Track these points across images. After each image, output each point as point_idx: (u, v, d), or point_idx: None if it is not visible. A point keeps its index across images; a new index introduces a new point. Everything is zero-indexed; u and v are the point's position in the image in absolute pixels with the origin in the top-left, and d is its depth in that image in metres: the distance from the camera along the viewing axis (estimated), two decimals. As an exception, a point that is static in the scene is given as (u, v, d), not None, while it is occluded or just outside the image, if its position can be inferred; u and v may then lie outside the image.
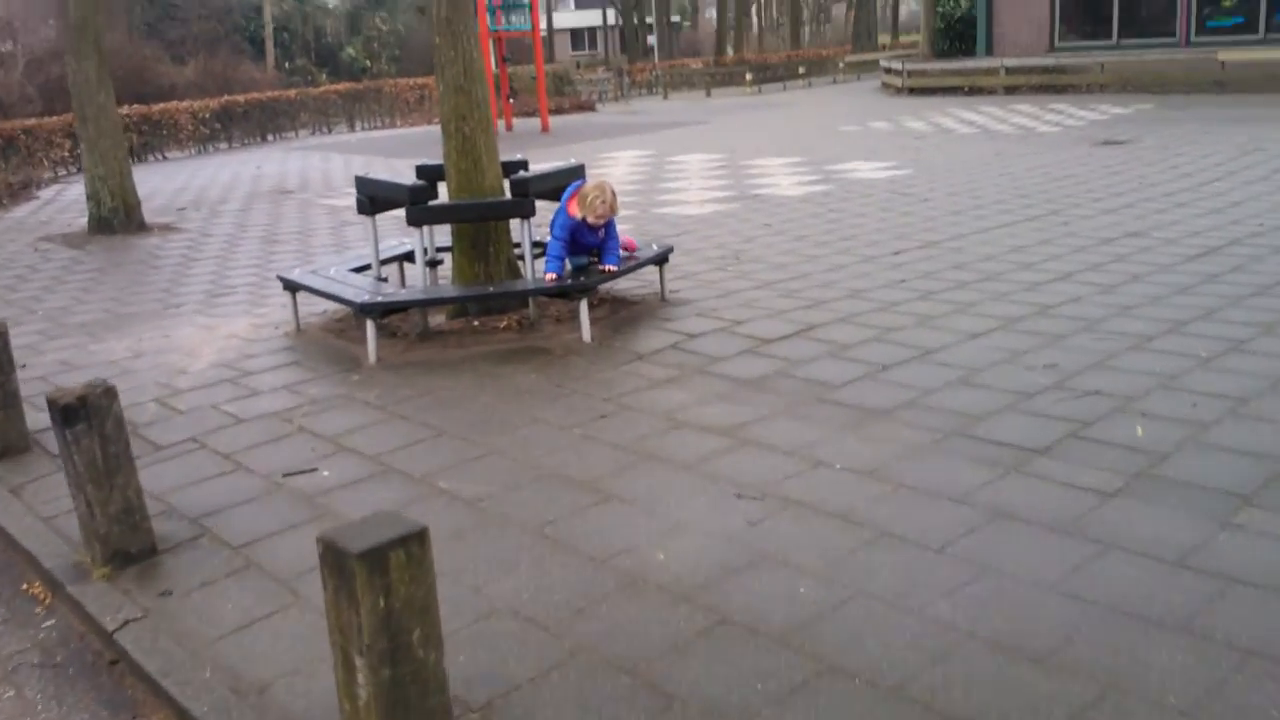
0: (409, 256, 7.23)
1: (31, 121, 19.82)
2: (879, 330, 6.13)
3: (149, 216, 13.24)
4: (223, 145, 24.28)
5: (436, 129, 24.22)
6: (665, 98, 36.35)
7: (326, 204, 13.25)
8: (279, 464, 4.71)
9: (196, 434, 5.18)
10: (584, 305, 6.11)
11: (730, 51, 51.18)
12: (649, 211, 11.35)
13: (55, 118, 20.26)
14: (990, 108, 21.90)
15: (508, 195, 6.53)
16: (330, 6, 40.78)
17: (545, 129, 23.00)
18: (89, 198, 11.50)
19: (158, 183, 17.54)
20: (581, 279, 6.14)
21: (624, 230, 8.49)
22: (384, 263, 7.09)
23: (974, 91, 24.77)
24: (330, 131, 27.64)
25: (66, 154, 19.48)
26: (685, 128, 22.58)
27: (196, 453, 4.94)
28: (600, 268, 6.38)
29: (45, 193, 17.01)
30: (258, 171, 18.38)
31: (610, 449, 4.61)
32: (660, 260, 6.96)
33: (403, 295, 6.11)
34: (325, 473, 4.59)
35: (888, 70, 28.60)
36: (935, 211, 10.19)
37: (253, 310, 7.72)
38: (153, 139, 21.95)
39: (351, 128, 27.94)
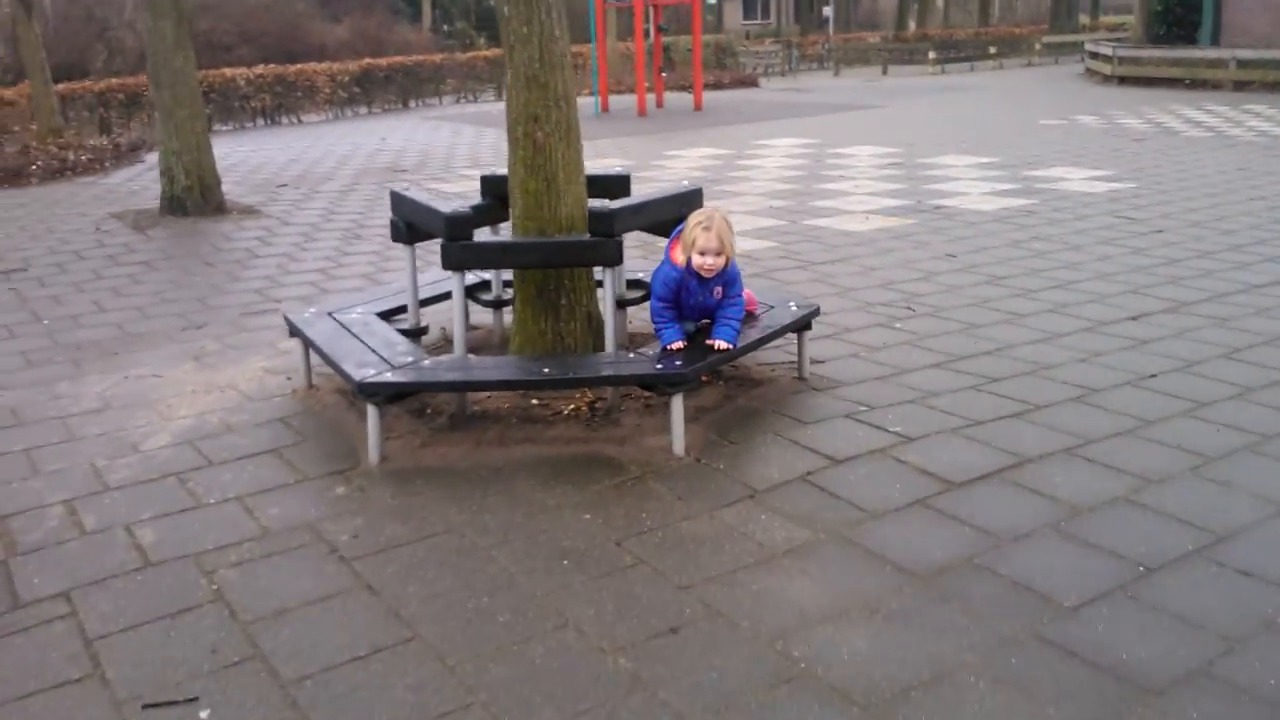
0: (475, 290, 5.42)
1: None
2: (1135, 480, 3.95)
3: (249, 190, 11.95)
4: (361, 110, 23.17)
5: (589, 100, 22.47)
6: (836, 74, 33.72)
7: (434, 188, 11.62)
8: (151, 675, 2.95)
9: (75, 584, 3.47)
10: (677, 406, 4.15)
11: (912, 26, 47.81)
12: (799, 224, 9.26)
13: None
14: (1219, 106, 18.74)
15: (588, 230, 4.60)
16: (494, -34, 39.37)
17: (698, 107, 20.96)
18: (162, 174, 10.14)
19: (272, 151, 16.34)
20: (677, 365, 4.18)
21: (755, 267, 6.51)
22: (426, 303, 5.28)
23: (1196, 85, 21.50)
24: (476, 99, 26.28)
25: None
26: (856, 112, 20.18)
27: (53, 626, 3.23)
28: (710, 342, 4.42)
29: (153, 156, 16.00)
30: (381, 143, 17.00)
31: (667, 713, 2.67)
32: (800, 328, 4.94)
33: (425, 373, 4.26)
34: (204, 714, 2.80)
35: (1093, 55, 25.40)
36: (1176, 249, 7.77)
37: (276, 344, 6.06)
38: (287, 100, 20.91)
39: (500, 95, 26.48)
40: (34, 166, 13.22)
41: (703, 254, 4.28)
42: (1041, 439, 4.35)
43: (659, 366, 4.16)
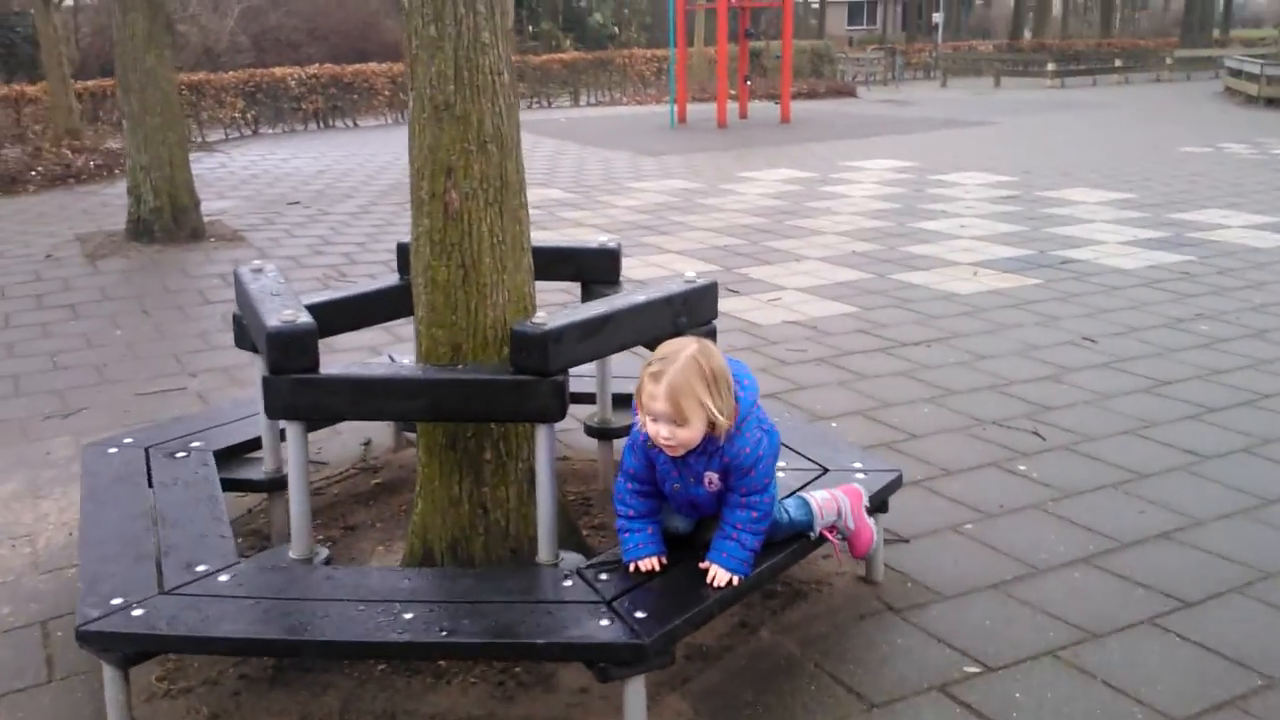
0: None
1: (200, 75, 17.68)
2: None
3: (254, 208, 10.44)
4: (426, 113, 21.66)
5: (664, 110, 20.57)
6: (943, 85, 31.32)
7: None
8: None
9: None
10: (634, 696, 2.30)
11: (1027, 35, 44.93)
12: (887, 278, 7.31)
13: (233, 73, 18.10)
14: (1396, 132, 16.12)
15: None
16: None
17: (785, 119, 18.97)
18: (129, 192, 8.60)
19: (307, 160, 14.85)
20: (636, 621, 2.32)
21: (821, 347, 4.57)
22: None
23: (1362, 107, 18.76)
24: (550, 105, 24.66)
25: (238, 114, 17.24)
26: (964, 129, 18.00)
27: None
28: (703, 566, 2.56)
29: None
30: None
31: None
32: (876, 509, 3.04)
33: (187, 616, 2.45)
34: None
35: (1235, 72, 22.67)
36: None
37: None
38: (343, 103, 19.50)
39: (576, 101, 24.83)
40: (34, 172, 11.92)
41: (653, 419, 2.46)
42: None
43: (604, 622, 2.32)
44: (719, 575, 2.52)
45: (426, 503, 3.13)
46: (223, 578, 2.57)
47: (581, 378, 3.88)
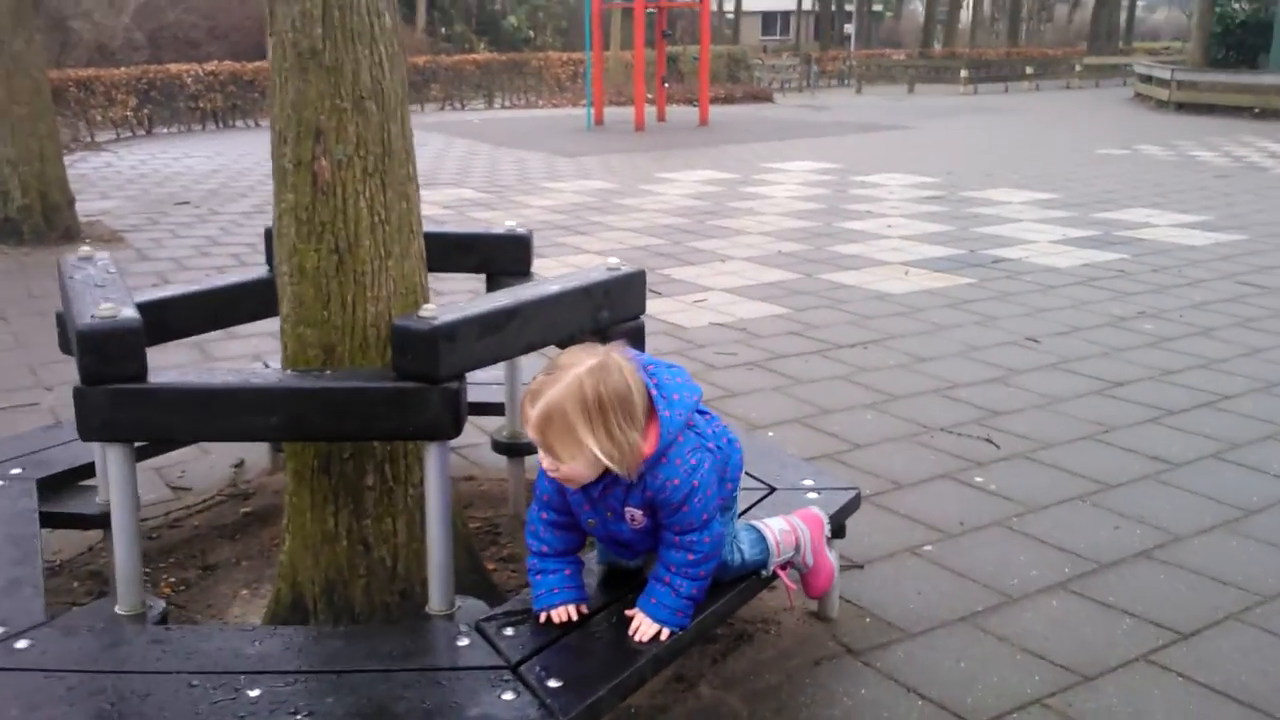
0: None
1: (89, 72, 16.66)
2: None
3: (139, 208, 9.70)
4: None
5: (581, 113, 20.09)
6: (859, 92, 31.43)
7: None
8: None
9: None
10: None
11: (937, 46, 45.51)
12: (816, 278, 6.93)
13: (125, 69, 17.11)
14: (1302, 137, 16.39)
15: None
16: (496, -30, 37.35)
17: (703, 122, 18.64)
18: (-8, 187, 7.83)
19: (200, 159, 14.01)
20: (549, 693, 1.83)
21: (754, 350, 4.13)
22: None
23: (1267, 114, 19.11)
24: (464, 107, 24.00)
25: (130, 113, 16.28)
26: (882, 132, 17.87)
27: None
28: (629, 614, 2.08)
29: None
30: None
31: None
32: (833, 534, 2.58)
33: None
34: None
35: (1146, 78, 23.01)
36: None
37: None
38: (244, 102, 18.62)
39: (490, 104, 24.22)
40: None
41: (541, 451, 2.00)
42: None
43: (507, 695, 1.82)
44: (644, 627, 2.04)
45: (296, 539, 2.60)
46: (20, 644, 2.01)
47: (488, 386, 3.38)
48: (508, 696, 1.82)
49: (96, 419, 2.07)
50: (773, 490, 2.69)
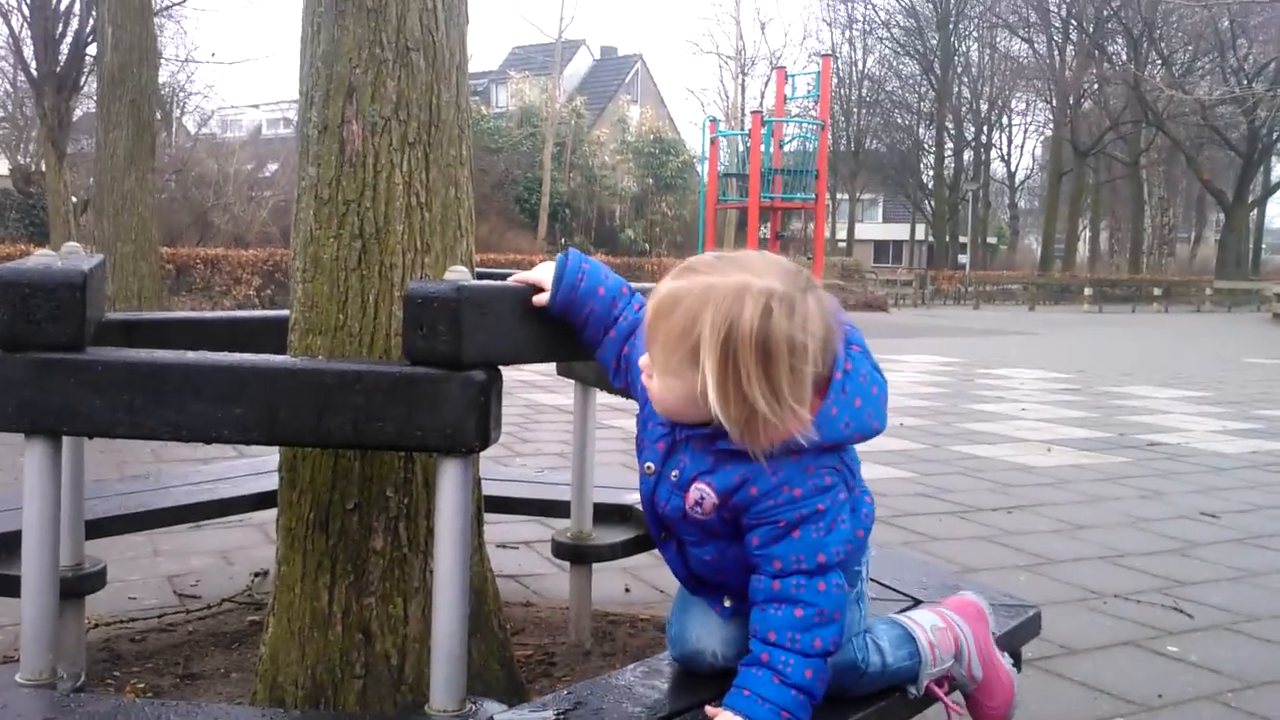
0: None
1: (217, 250, 17.27)
2: None
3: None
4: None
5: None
6: (977, 308, 30.94)
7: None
8: None
9: None
10: None
11: (1058, 267, 45.10)
12: (944, 449, 6.19)
13: (254, 250, 17.71)
14: None
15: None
16: (618, 190, 38.64)
17: (820, 322, 18.23)
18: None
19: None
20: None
21: (880, 506, 3.43)
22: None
23: None
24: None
25: (253, 292, 16.68)
26: (1005, 336, 17.20)
27: None
28: (710, 712, 1.38)
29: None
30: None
31: None
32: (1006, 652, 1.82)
33: None
34: None
35: (1285, 298, 22.04)
36: None
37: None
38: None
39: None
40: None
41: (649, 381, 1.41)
42: None
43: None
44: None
45: (281, 623, 1.97)
46: None
47: (556, 485, 2.77)
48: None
49: (13, 400, 1.53)
50: (917, 603, 1.97)
